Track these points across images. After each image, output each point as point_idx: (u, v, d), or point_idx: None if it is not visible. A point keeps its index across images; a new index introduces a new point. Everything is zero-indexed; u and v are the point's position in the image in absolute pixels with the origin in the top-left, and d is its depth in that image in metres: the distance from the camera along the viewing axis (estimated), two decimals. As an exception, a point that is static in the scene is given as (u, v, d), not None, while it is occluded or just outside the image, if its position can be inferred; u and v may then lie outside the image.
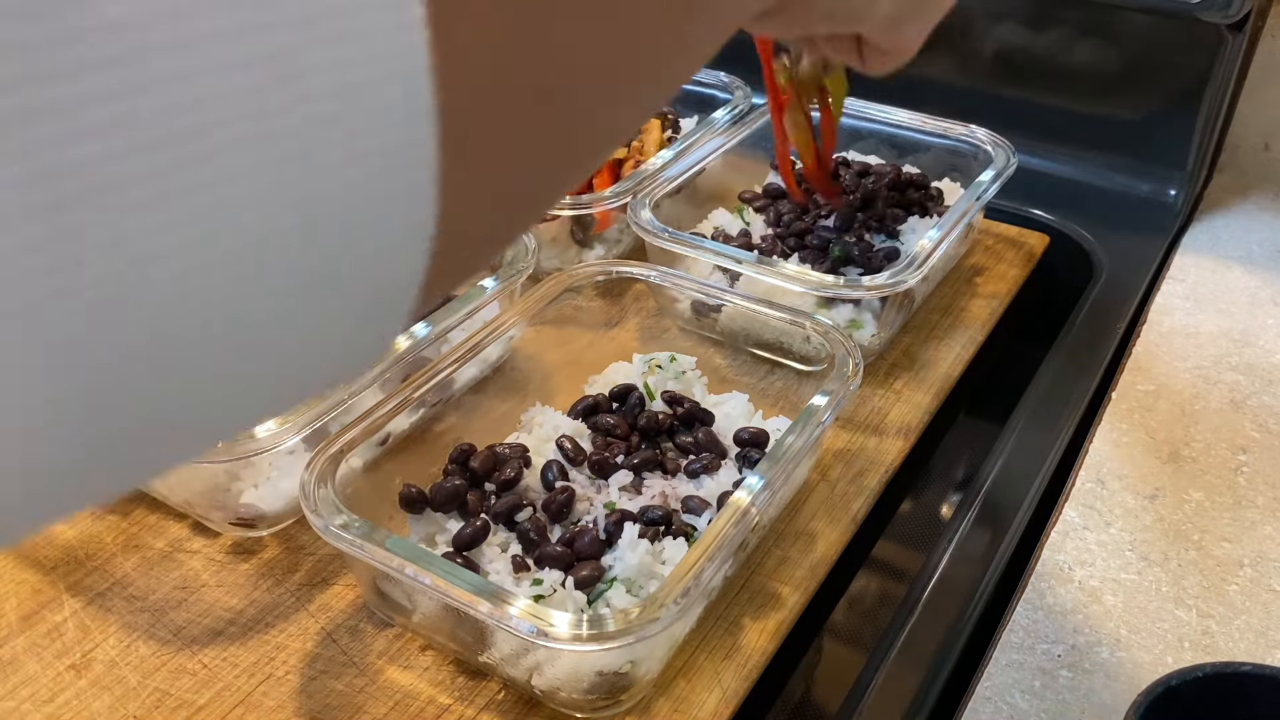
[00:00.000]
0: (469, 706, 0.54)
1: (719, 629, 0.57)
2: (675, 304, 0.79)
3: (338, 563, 0.61)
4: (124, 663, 0.56)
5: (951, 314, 0.83)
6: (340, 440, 0.57)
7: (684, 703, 0.54)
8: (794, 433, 0.58)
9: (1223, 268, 0.88)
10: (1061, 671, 0.54)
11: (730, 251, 0.76)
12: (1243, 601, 0.58)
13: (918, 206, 0.84)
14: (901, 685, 0.55)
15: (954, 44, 1.03)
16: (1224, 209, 0.96)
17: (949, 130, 0.90)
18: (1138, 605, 0.58)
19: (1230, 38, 0.89)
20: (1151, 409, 0.72)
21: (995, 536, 0.63)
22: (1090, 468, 0.67)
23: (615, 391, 0.66)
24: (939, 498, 0.72)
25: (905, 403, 0.74)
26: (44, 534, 0.63)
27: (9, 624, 0.58)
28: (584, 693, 0.52)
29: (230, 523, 0.62)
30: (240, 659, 0.56)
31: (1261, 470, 0.67)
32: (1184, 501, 0.65)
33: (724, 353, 0.78)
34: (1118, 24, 0.94)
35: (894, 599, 0.62)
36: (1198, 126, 0.94)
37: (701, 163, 0.86)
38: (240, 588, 0.60)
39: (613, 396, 0.66)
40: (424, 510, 0.59)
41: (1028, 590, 0.59)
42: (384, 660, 0.56)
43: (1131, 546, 0.61)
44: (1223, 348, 0.78)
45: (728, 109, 0.94)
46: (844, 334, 0.66)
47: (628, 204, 0.80)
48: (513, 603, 0.48)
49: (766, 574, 0.60)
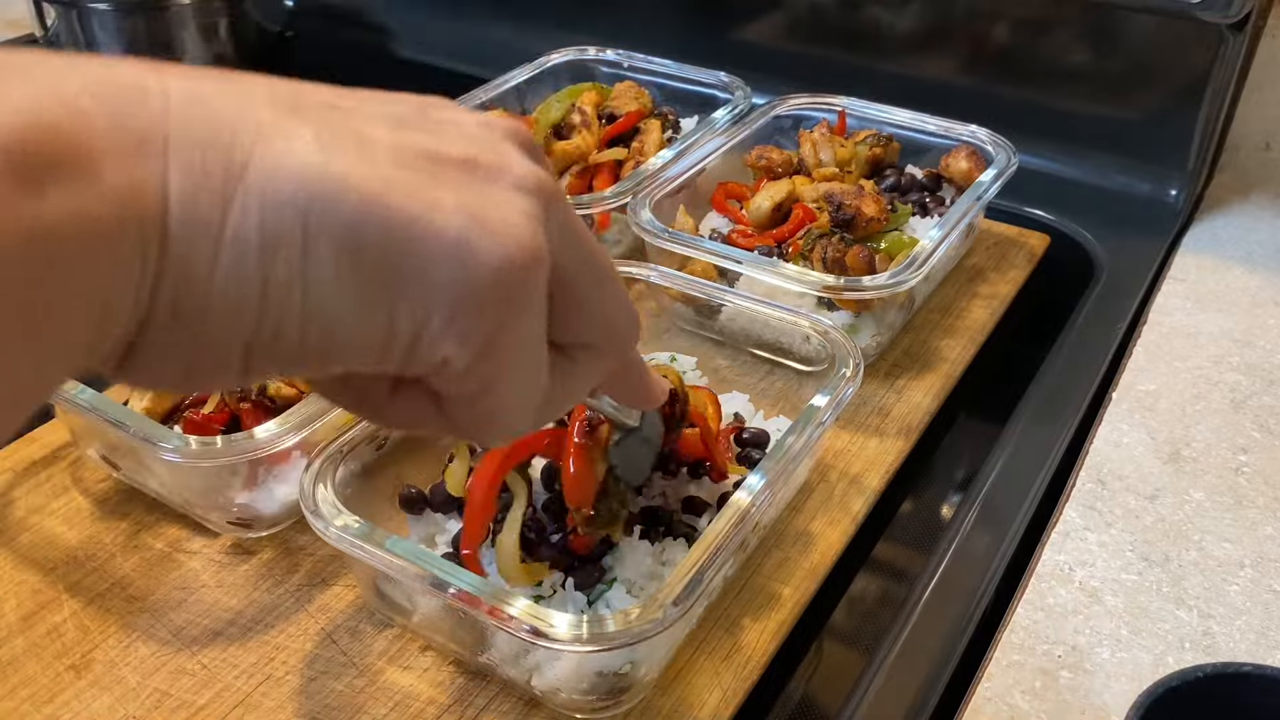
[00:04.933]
0: (469, 707, 0.54)
1: (719, 629, 0.57)
2: (675, 304, 0.79)
3: (337, 563, 0.61)
4: (123, 663, 0.56)
5: (952, 314, 0.83)
6: (339, 441, 0.57)
7: (684, 703, 0.53)
8: (794, 433, 0.58)
9: (1223, 268, 0.87)
10: (1062, 672, 0.54)
11: (730, 252, 0.76)
12: (1243, 602, 0.58)
13: (918, 206, 0.84)
14: (901, 685, 0.54)
15: (954, 44, 1.03)
16: (1225, 209, 0.96)
17: (949, 130, 0.90)
18: (1138, 605, 0.58)
19: (1231, 37, 0.89)
20: (1152, 409, 0.72)
21: (996, 537, 0.63)
22: (1091, 468, 0.67)
23: (615, 392, 0.66)
24: (939, 498, 0.71)
25: (905, 403, 0.74)
26: (44, 535, 0.63)
27: (9, 624, 0.58)
28: (584, 693, 0.52)
29: (229, 523, 0.62)
30: (240, 659, 0.56)
31: (1262, 470, 0.67)
32: (1185, 502, 0.64)
33: (724, 353, 0.78)
34: (1118, 24, 0.94)
35: (894, 599, 0.62)
36: (1198, 126, 0.94)
37: (701, 163, 0.86)
38: (240, 588, 0.60)
39: (613, 397, 0.66)
40: (424, 510, 0.59)
41: (1028, 591, 0.59)
42: (384, 661, 0.56)
43: (1132, 547, 0.61)
44: (1223, 348, 0.78)
45: (728, 109, 0.94)
46: (844, 334, 0.66)
47: (627, 204, 0.80)
48: (513, 603, 0.48)
49: (766, 574, 0.60)
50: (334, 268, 0.26)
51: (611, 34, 1.11)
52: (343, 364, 0.29)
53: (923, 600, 0.59)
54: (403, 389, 0.33)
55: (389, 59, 1.32)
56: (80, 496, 0.66)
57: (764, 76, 1.05)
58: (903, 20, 1.04)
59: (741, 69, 1.00)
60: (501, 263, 0.28)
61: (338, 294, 0.27)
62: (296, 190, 0.26)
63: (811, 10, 1.09)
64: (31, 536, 0.63)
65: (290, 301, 0.27)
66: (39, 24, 1.19)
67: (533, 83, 1.01)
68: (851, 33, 1.07)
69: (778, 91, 0.97)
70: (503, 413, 0.32)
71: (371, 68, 1.32)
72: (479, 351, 0.29)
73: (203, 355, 0.27)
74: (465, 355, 0.29)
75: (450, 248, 0.27)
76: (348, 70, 1.33)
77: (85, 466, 0.68)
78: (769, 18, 1.12)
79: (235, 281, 0.26)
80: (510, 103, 0.99)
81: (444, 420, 0.33)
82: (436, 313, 0.28)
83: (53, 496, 0.66)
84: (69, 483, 0.67)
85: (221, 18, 1.20)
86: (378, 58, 1.33)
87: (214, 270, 0.25)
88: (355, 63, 1.34)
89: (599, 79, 1.03)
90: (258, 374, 0.28)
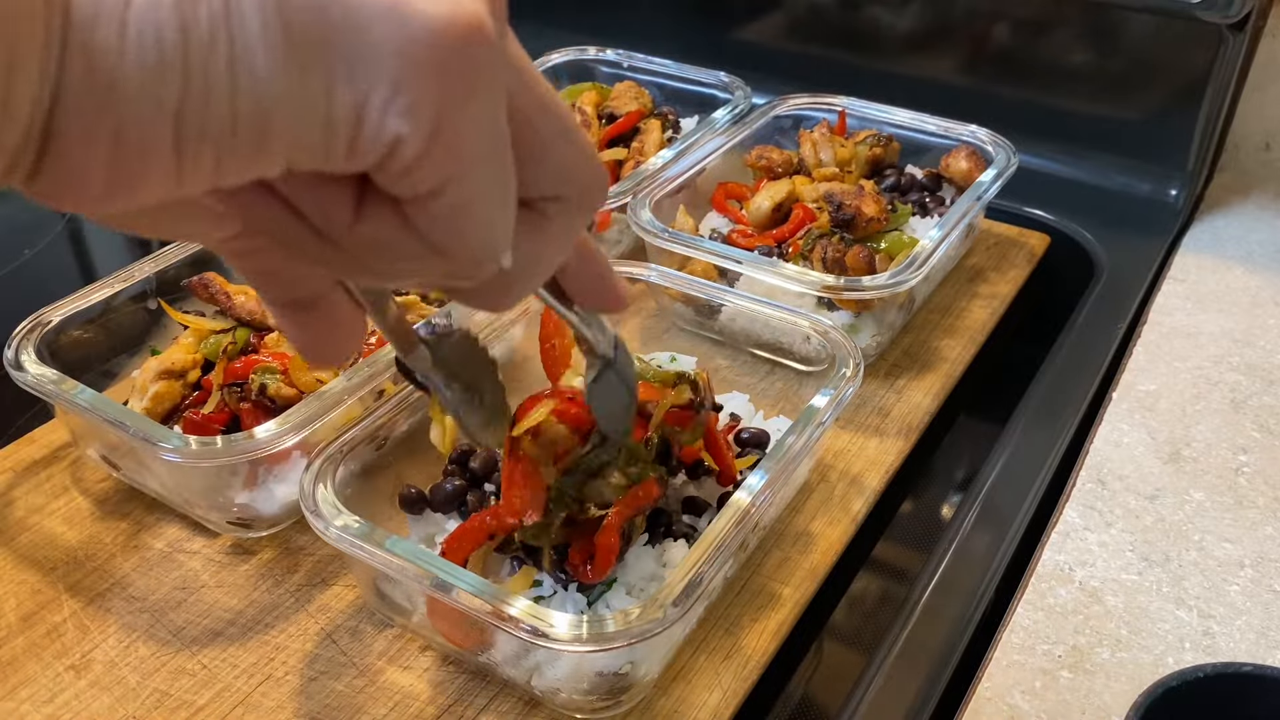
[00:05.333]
0: (469, 707, 0.54)
1: (719, 629, 0.57)
2: (675, 304, 0.79)
3: (337, 563, 0.61)
4: (123, 663, 0.56)
5: (952, 314, 0.83)
6: (339, 441, 0.57)
7: (684, 703, 0.53)
8: (794, 433, 0.58)
9: (1223, 268, 0.87)
10: (1062, 672, 0.54)
11: (730, 252, 0.76)
12: (1243, 602, 0.58)
13: (918, 206, 0.84)
14: (902, 685, 0.54)
15: (954, 44, 1.03)
16: (1225, 209, 0.96)
17: (949, 130, 0.90)
18: (1138, 606, 0.58)
19: (1231, 38, 0.89)
20: (1152, 409, 0.72)
21: (996, 537, 0.63)
22: (1091, 468, 0.67)
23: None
24: (939, 498, 0.71)
25: (905, 403, 0.74)
26: (44, 535, 0.63)
27: (9, 624, 0.58)
28: (584, 693, 0.52)
29: (229, 523, 0.62)
30: (240, 659, 0.56)
31: (1262, 470, 0.67)
32: (1185, 502, 0.64)
33: (724, 353, 0.78)
34: (1118, 24, 0.94)
35: (894, 599, 0.62)
36: (1198, 126, 0.94)
37: (701, 163, 0.86)
38: (240, 588, 0.60)
39: (613, 397, 0.66)
40: (424, 510, 0.59)
41: (1028, 591, 0.59)
42: (384, 661, 0.56)
43: (1132, 547, 0.61)
44: (1224, 348, 0.78)
45: (728, 109, 0.94)
46: (844, 334, 0.66)
47: (628, 204, 0.80)
48: (513, 603, 0.48)
49: (766, 574, 0.60)
50: (261, 30, 0.24)
51: (611, 34, 1.11)
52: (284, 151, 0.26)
53: (923, 600, 0.59)
54: (365, 208, 0.30)
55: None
56: (80, 496, 0.66)
57: (764, 76, 1.05)
58: (903, 20, 1.04)
59: (741, 69, 1.00)
60: (444, 24, 0.26)
61: (268, 59, 0.25)
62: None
63: (811, 10, 1.09)
64: (31, 536, 0.63)
65: (215, 60, 0.24)
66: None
67: (533, 83, 1.01)
68: (851, 33, 1.07)
69: (778, 91, 0.97)
70: (472, 211, 0.30)
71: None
72: (431, 130, 0.27)
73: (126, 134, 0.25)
74: (416, 134, 0.27)
75: (385, 7, 0.25)
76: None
77: (85, 466, 0.68)
78: (769, 18, 1.12)
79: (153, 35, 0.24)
80: (510, 103, 0.99)
81: (413, 237, 0.30)
82: (378, 81, 0.26)
83: (53, 496, 0.66)
84: (69, 483, 0.67)
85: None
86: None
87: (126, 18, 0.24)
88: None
89: (599, 79, 1.03)
90: (193, 160, 0.26)
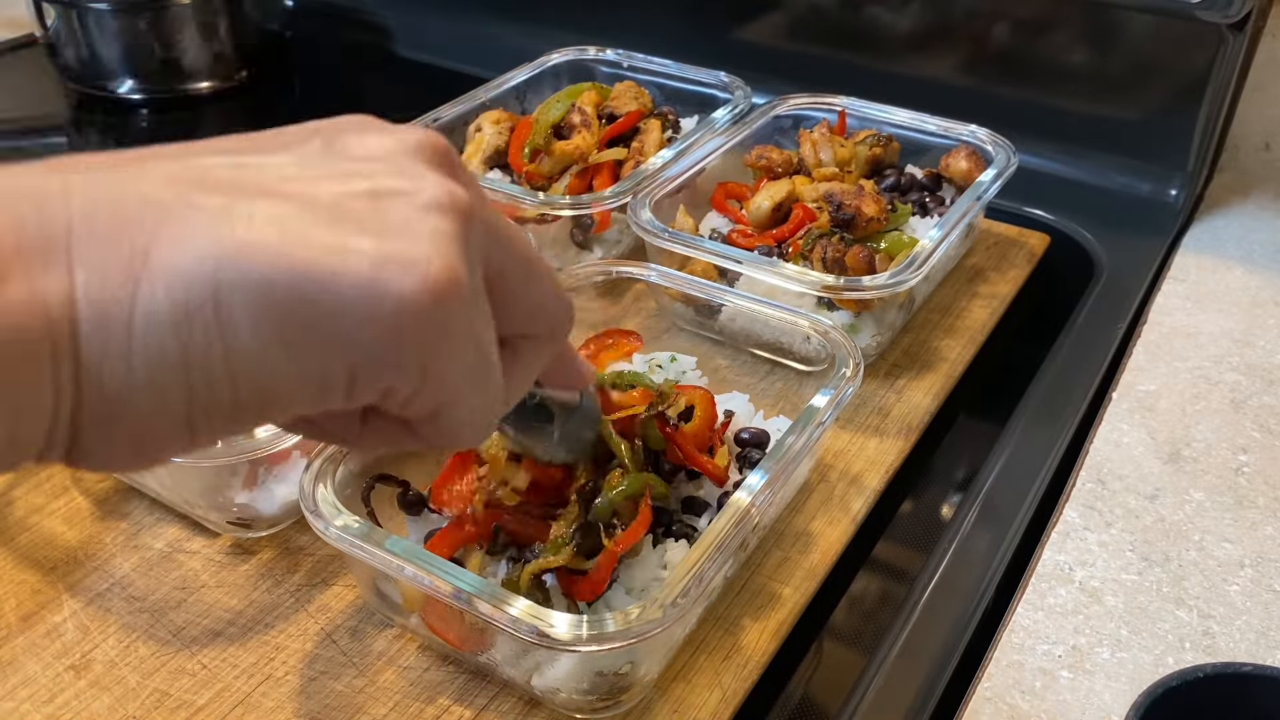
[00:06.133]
0: (469, 707, 0.54)
1: (719, 630, 0.57)
2: (675, 304, 0.79)
3: (337, 563, 0.61)
4: (123, 663, 0.56)
5: (952, 314, 0.83)
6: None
7: (684, 704, 0.53)
8: (794, 433, 0.58)
9: (1223, 268, 0.87)
10: (1062, 672, 0.54)
11: (730, 252, 0.76)
12: (1243, 602, 0.58)
13: (918, 206, 0.84)
14: (901, 685, 0.54)
15: (954, 44, 1.03)
16: (1225, 209, 0.96)
17: (949, 130, 0.90)
18: (1138, 606, 0.58)
19: (1230, 37, 0.89)
20: (1152, 409, 0.72)
21: (996, 537, 0.63)
22: (1091, 468, 0.67)
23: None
24: (939, 498, 0.71)
25: (905, 403, 0.74)
26: (44, 535, 0.63)
27: (9, 624, 0.58)
28: (584, 693, 0.52)
29: (229, 523, 0.62)
30: (240, 660, 0.56)
31: (1262, 470, 0.67)
32: (1185, 502, 0.64)
33: (724, 353, 0.78)
34: (1118, 24, 0.94)
35: (894, 599, 0.62)
36: (1198, 126, 0.94)
37: (701, 163, 0.86)
38: (240, 588, 0.60)
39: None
40: (424, 511, 0.59)
41: (1028, 591, 0.59)
42: (384, 661, 0.56)
43: (1132, 547, 0.61)
44: (1224, 348, 0.78)
45: (728, 109, 0.94)
46: (844, 334, 0.66)
47: (628, 204, 0.80)
48: (513, 603, 0.48)
49: (766, 574, 0.60)
50: (251, 328, 0.27)
51: (611, 34, 1.11)
52: (288, 412, 0.30)
53: (923, 600, 0.59)
54: (370, 417, 0.35)
55: (389, 59, 1.32)
56: (80, 496, 0.66)
57: (764, 76, 1.05)
58: (903, 20, 1.04)
59: (741, 69, 1.00)
60: (414, 294, 0.29)
61: (261, 352, 0.28)
62: (202, 261, 0.27)
63: (811, 10, 1.09)
64: (31, 536, 0.63)
65: (214, 366, 0.28)
66: (39, 24, 1.19)
67: (533, 83, 1.01)
68: (851, 33, 1.07)
69: (778, 91, 0.97)
70: (465, 424, 0.34)
71: (371, 68, 1.32)
72: (420, 379, 0.30)
73: (146, 430, 0.28)
74: (406, 383, 0.30)
75: (361, 290, 0.28)
76: (348, 70, 1.33)
77: (85, 466, 0.68)
78: (769, 18, 1.12)
79: (157, 355, 0.27)
80: (510, 103, 0.99)
81: (416, 437, 0.35)
82: (365, 351, 0.29)
83: (53, 496, 0.66)
84: (69, 483, 0.67)
85: (221, 18, 1.20)
86: (377, 58, 1.33)
87: (130, 350, 0.27)
88: (355, 63, 1.34)
89: (599, 79, 1.03)
90: (207, 435, 0.29)
